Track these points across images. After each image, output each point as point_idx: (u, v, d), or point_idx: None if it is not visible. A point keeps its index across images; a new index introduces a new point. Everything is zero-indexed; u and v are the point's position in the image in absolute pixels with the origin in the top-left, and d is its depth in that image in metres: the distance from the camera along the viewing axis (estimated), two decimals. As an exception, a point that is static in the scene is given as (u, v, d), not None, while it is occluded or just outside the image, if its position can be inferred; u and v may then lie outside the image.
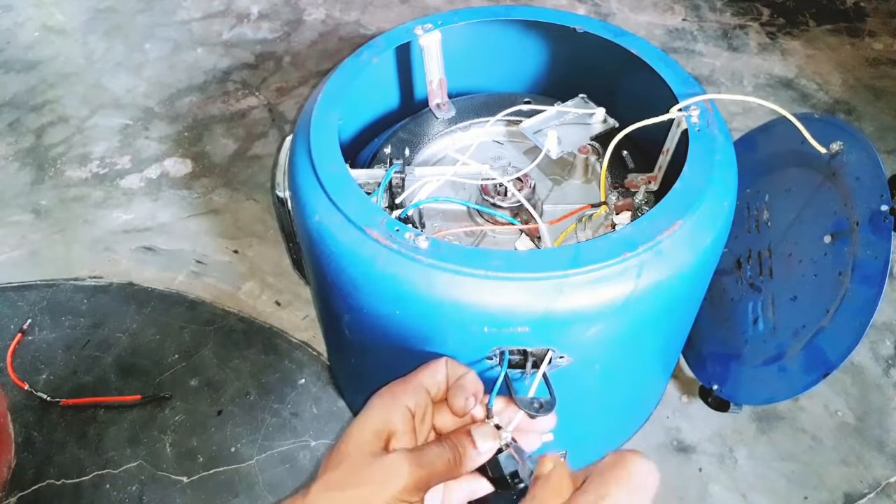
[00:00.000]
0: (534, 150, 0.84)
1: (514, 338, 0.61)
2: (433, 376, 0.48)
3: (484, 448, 0.44)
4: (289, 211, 0.77)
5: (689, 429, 0.99)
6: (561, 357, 0.64)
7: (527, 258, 0.60)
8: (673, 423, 1.00)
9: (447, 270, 0.59)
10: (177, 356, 1.07)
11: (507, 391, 0.50)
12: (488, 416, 0.47)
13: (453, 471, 0.43)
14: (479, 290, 0.59)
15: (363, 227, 0.62)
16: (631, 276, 0.60)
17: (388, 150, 0.81)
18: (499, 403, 0.48)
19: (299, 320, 1.12)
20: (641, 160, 0.81)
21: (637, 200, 0.75)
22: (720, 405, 0.89)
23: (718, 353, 0.91)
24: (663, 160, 0.77)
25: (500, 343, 0.62)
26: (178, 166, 1.41)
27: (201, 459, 0.96)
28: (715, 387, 0.89)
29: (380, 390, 0.48)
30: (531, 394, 0.52)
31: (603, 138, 0.81)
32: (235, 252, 1.24)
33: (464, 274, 0.59)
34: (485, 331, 0.61)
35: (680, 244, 0.62)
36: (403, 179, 0.76)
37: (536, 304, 0.59)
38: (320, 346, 1.08)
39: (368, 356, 0.76)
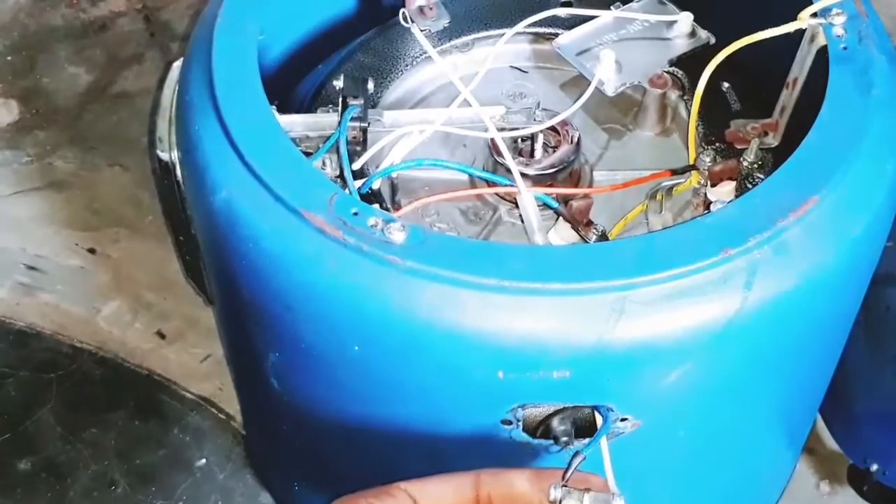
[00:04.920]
0: (577, 83, 0.84)
1: (545, 388, 0.62)
2: (438, 486, 0.49)
3: None
4: (178, 183, 0.77)
5: (834, 534, 1.01)
6: (623, 419, 0.65)
7: (566, 258, 0.61)
8: (808, 526, 1.01)
9: (436, 279, 0.60)
10: (-4, 423, 1.08)
11: None
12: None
13: None
14: (489, 311, 0.60)
15: (299, 209, 0.63)
16: (735, 287, 0.61)
17: (339, 84, 0.81)
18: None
19: (196, 362, 1.14)
20: (752, 99, 0.82)
21: (746, 163, 0.76)
22: (882, 496, 0.90)
23: (880, 413, 0.93)
24: (788, 98, 0.77)
25: (523, 397, 0.63)
26: (-3, 111, 1.43)
27: (37, 591, 0.97)
28: (874, 467, 0.90)
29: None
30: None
31: (690, 63, 0.82)
32: (91, 251, 1.26)
33: (464, 284, 0.60)
34: (498, 376, 0.61)
35: (814, 234, 0.63)
36: (365, 130, 0.76)
37: (582, 334, 0.60)
38: (231, 403, 1.10)
39: (310, 422, 0.77)
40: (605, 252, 0.62)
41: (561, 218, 0.74)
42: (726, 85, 0.83)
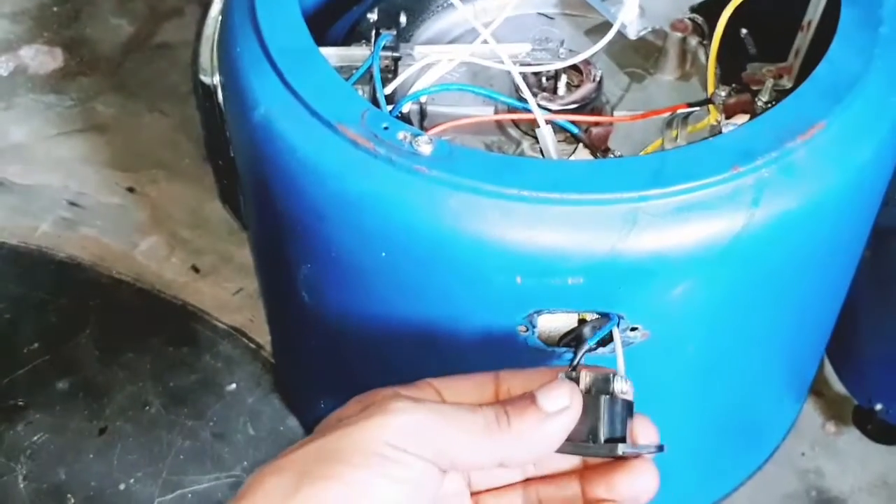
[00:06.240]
0: (601, 28, 0.86)
1: (560, 294, 0.65)
2: (462, 382, 0.53)
3: (552, 406, 0.47)
4: (219, 106, 0.81)
5: (838, 473, 1.02)
6: (633, 329, 0.67)
7: (583, 171, 0.64)
8: (812, 464, 1.03)
9: (461, 188, 0.63)
10: (37, 345, 1.12)
11: None
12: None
13: (494, 435, 0.46)
14: (509, 220, 0.62)
15: (333, 123, 0.66)
16: (743, 203, 0.63)
17: (372, 17, 0.84)
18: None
19: (229, 295, 1.17)
20: (768, 44, 0.83)
21: (760, 102, 0.78)
22: (887, 435, 0.93)
23: (886, 354, 0.95)
24: (802, 40, 0.79)
25: (539, 302, 0.66)
26: (43, 58, 1.46)
27: (73, 501, 1.01)
28: (879, 406, 0.92)
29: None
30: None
31: (709, 8, 0.83)
32: (130, 190, 1.29)
33: (486, 194, 0.62)
34: (516, 282, 0.64)
35: (820, 158, 0.65)
36: (397, 61, 0.79)
37: (596, 243, 0.62)
38: (261, 334, 1.13)
39: (337, 333, 0.80)
40: (620, 166, 0.64)
41: (580, 146, 0.77)
42: (744, 31, 0.84)
